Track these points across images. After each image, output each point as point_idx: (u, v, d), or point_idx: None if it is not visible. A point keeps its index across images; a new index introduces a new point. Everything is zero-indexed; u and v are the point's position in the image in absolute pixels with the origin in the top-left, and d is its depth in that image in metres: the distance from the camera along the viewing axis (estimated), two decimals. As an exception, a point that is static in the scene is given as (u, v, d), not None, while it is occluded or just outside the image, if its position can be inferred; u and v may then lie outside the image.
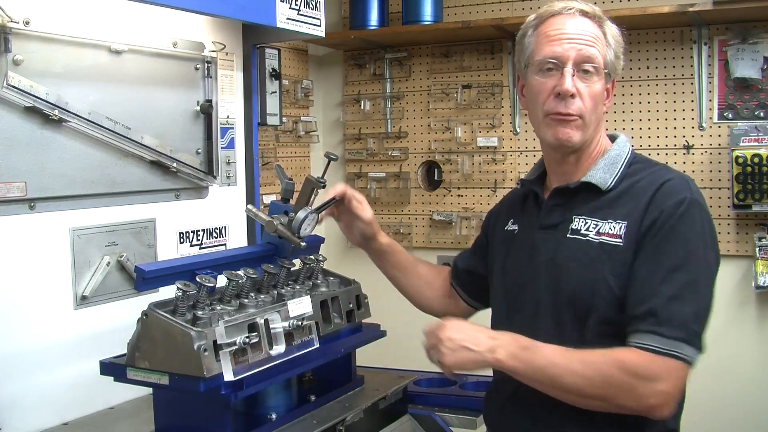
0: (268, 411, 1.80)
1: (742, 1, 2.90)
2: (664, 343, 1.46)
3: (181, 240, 2.30)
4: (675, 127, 3.31)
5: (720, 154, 3.22)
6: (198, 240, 2.36)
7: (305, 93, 3.71)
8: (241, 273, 1.76)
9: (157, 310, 1.62)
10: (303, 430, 1.79)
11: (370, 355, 2.20)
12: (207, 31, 2.37)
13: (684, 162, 3.27)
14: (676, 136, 3.31)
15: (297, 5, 2.35)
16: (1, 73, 1.77)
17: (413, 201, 3.82)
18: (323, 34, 2.50)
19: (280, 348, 1.66)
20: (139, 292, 1.78)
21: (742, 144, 3.09)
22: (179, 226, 2.29)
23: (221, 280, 1.78)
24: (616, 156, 1.70)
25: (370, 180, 3.86)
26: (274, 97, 2.71)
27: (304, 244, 1.91)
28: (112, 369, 1.69)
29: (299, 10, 2.36)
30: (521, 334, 1.69)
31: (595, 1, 3.37)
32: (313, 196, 1.96)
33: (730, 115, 3.20)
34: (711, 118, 3.24)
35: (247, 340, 1.60)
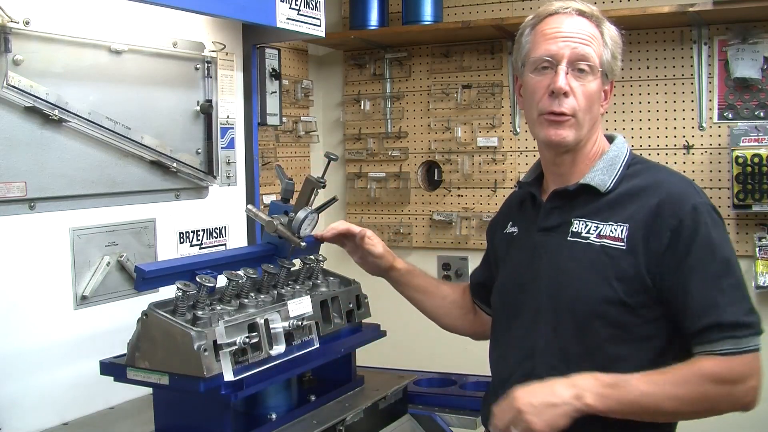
0: (268, 411, 1.80)
1: (742, 1, 2.90)
2: (738, 343, 1.50)
3: (181, 240, 2.30)
4: (675, 127, 3.31)
5: (720, 154, 3.22)
6: (198, 240, 2.36)
7: (305, 93, 3.71)
8: (241, 273, 1.76)
9: (157, 310, 1.62)
10: (303, 430, 1.79)
11: (370, 355, 2.20)
12: (207, 31, 2.37)
13: (684, 162, 3.27)
14: (676, 136, 3.31)
15: (297, 5, 2.35)
16: (1, 73, 1.77)
17: (413, 201, 3.81)
18: (323, 34, 2.50)
19: (280, 348, 1.66)
20: (139, 292, 1.78)
21: (742, 144, 3.09)
22: (179, 226, 2.29)
23: (221, 280, 1.78)
24: (615, 157, 1.69)
25: (370, 180, 3.86)
26: (274, 97, 2.71)
27: (304, 244, 1.92)
28: (112, 369, 1.69)
29: (299, 10, 2.36)
30: (519, 341, 1.69)
31: (595, 1, 3.38)
32: (313, 196, 1.96)
33: (730, 115, 3.20)
34: (711, 118, 3.24)
35: (247, 340, 1.60)
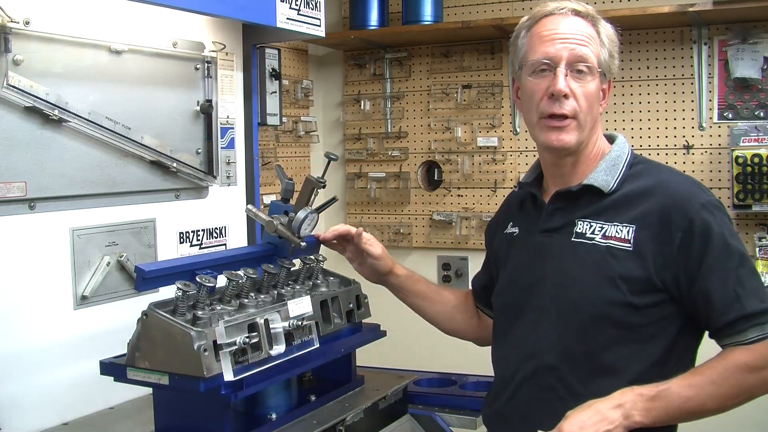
0: (268, 411, 1.80)
1: (742, 1, 2.90)
2: (764, 329, 1.53)
3: (181, 240, 2.30)
4: (675, 127, 3.31)
5: (720, 154, 3.22)
6: (198, 240, 2.36)
7: (305, 93, 3.71)
8: (241, 273, 1.76)
9: (157, 310, 1.62)
10: (303, 430, 1.79)
11: (370, 355, 2.20)
12: (207, 31, 2.37)
13: (684, 162, 3.27)
14: (676, 136, 3.31)
15: (297, 5, 2.35)
16: (1, 73, 1.77)
17: (413, 201, 3.81)
18: (323, 34, 2.49)
19: (280, 348, 1.65)
20: (139, 292, 1.78)
21: (742, 144, 3.09)
22: (179, 226, 2.29)
23: (221, 280, 1.78)
24: (617, 157, 1.69)
25: (370, 180, 3.86)
26: (274, 97, 2.71)
27: (304, 244, 1.91)
28: (112, 369, 1.69)
29: (299, 10, 2.36)
30: (521, 341, 1.69)
31: (596, 1, 3.38)
32: (313, 196, 1.96)
33: (730, 115, 3.20)
34: (711, 118, 3.24)
35: (247, 340, 1.59)
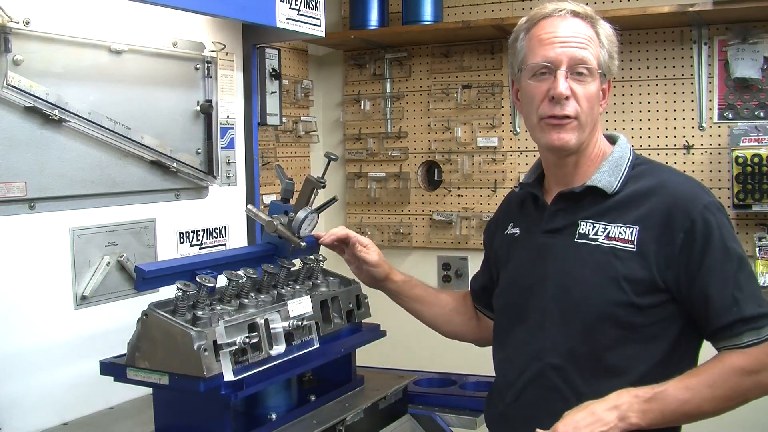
0: (268, 411, 1.80)
1: (742, 1, 2.90)
2: (759, 333, 1.53)
3: (181, 240, 2.30)
4: (675, 127, 3.31)
5: (720, 154, 3.22)
6: (198, 240, 2.36)
7: (305, 93, 3.71)
8: (241, 273, 1.76)
9: (157, 310, 1.62)
10: (303, 430, 1.79)
11: (370, 355, 2.20)
12: (207, 31, 2.37)
13: (684, 162, 3.26)
14: (676, 136, 3.31)
15: (297, 5, 2.35)
16: (1, 73, 1.77)
17: (413, 201, 3.81)
18: (323, 34, 2.49)
19: (280, 348, 1.66)
20: (139, 292, 1.78)
21: (742, 144, 3.09)
22: (179, 226, 2.29)
23: (221, 280, 1.78)
24: (619, 158, 1.69)
25: (370, 180, 3.86)
26: (274, 97, 2.71)
27: (304, 244, 1.91)
28: (112, 369, 1.69)
29: (299, 10, 2.36)
30: (525, 343, 1.68)
31: (596, 1, 3.38)
32: (313, 196, 1.96)
33: (730, 115, 3.20)
34: (711, 118, 3.24)
35: (247, 340, 1.59)
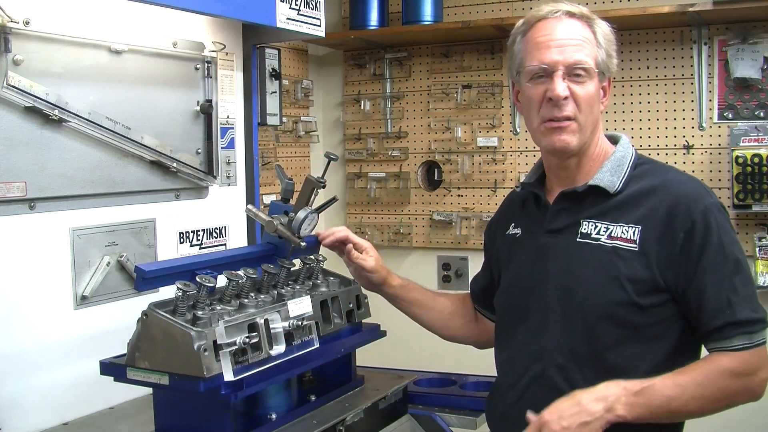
0: (268, 411, 1.80)
1: (742, 1, 2.90)
2: (751, 338, 1.54)
3: (181, 240, 2.30)
4: (675, 127, 3.31)
5: (720, 154, 3.22)
6: (198, 240, 2.36)
7: (305, 93, 3.71)
8: (241, 273, 1.76)
9: (157, 310, 1.62)
10: (303, 430, 1.79)
11: (370, 355, 2.20)
12: (207, 31, 2.37)
13: (684, 162, 3.26)
14: (676, 136, 3.31)
15: (297, 5, 2.35)
16: (1, 73, 1.77)
17: (413, 201, 3.81)
18: (323, 34, 2.49)
19: (280, 348, 1.66)
20: (139, 292, 1.78)
21: (742, 144, 3.09)
22: (179, 226, 2.29)
23: (221, 280, 1.78)
24: (621, 158, 1.69)
25: (370, 180, 3.86)
26: (274, 97, 2.71)
27: (304, 244, 1.91)
28: (112, 369, 1.69)
29: (299, 10, 2.36)
30: (527, 343, 1.68)
31: (596, 1, 3.38)
32: (313, 196, 1.96)
33: (730, 115, 3.20)
34: (711, 118, 3.24)
35: (247, 340, 1.59)
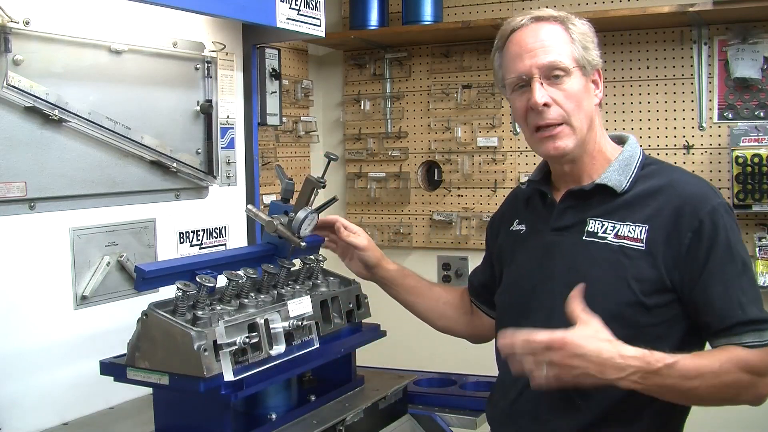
0: (268, 411, 1.80)
1: (742, 1, 2.90)
2: (761, 336, 1.53)
3: (181, 240, 2.30)
4: (675, 127, 3.31)
5: (720, 154, 3.22)
6: (198, 240, 2.36)
7: (305, 93, 3.71)
8: (241, 273, 1.76)
9: (157, 310, 1.62)
10: (303, 430, 1.79)
11: (370, 355, 2.20)
12: (207, 31, 2.37)
13: (684, 162, 3.26)
14: (676, 136, 3.31)
15: (297, 5, 2.35)
16: (1, 73, 1.77)
17: (413, 201, 3.81)
18: (323, 34, 2.49)
19: (280, 348, 1.65)
20: (139, 292, 1.78)
21: (742, 144, 3.09)
22: (179, 226, 2.29)
23: (221, 280, 1.78)
24: (629, 157, 1.69)
25: (370, 180, 3.86)
26: (274, 97, 2.71)
27: (304, 244, 1.91)
28: (112, 369, 1.69)
29: (299, 10, 2.36)
30: None
31: (596, 1, 3.38)
32: (313, 196, 1.95)
33: (730, 115, 3.20)
34: (711, 118, 3.24)
35: (247, 340, 1.59)
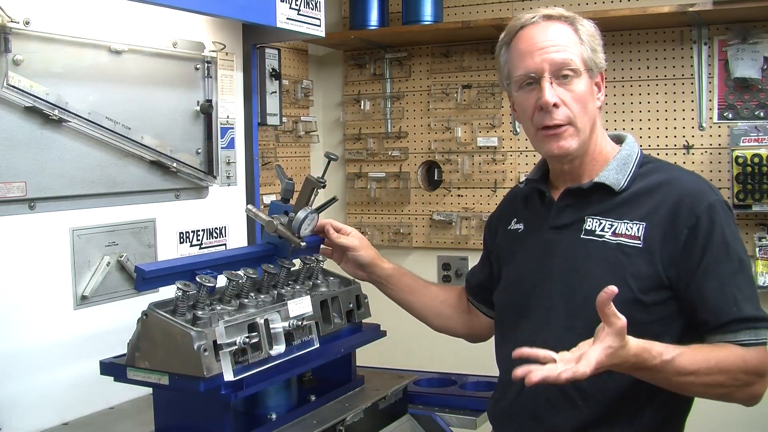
0: (268, 411, 1.80)
1: (742, 1, 2.90)
2: (756, 334, 1.53)
3: (181, 240, 2.30)
4: (675, 127, 3.31)
5: (720, 154, 3.22)
6: (198, 240, 2.36)
7: (305, 93, 3.71)
8: (241, 273, 1.76)
9: (157, 310, 1.61)
10: (303, 430, 1.79)
11: (370, 355, 2.20)
12: (207, 31, 2.37)
13: (684, 162, 3.26)
14: (676, 136, 3.31)
15: (297, 5, 2.35)
16: (1, 73, 1.77)
17: (413, 201, 3.82)
18: (323, 34, 2.49)
19: (280, 348, 1.65)
20: (139, 292, 1.78)
21: (742, 144, 3.09)
22: (179, 226, 2.29)
23: (221, 280, 1.78)
24: (627, 156, 1.70)
25: (370, 180, 3.86)
26: (274, 97, 2.71)
27: (304, 244, 1.91)
28: (112, 369, 1.68)
29: (299, 10, 2.36)
30: (528, 342, 1.66)
31: (596, 1, 3.38)
32: (313, 196, 1.95)
33: (730, 115, 3.20)
34: (711, 118, 3.24)
35: (247, 340, 1.59)
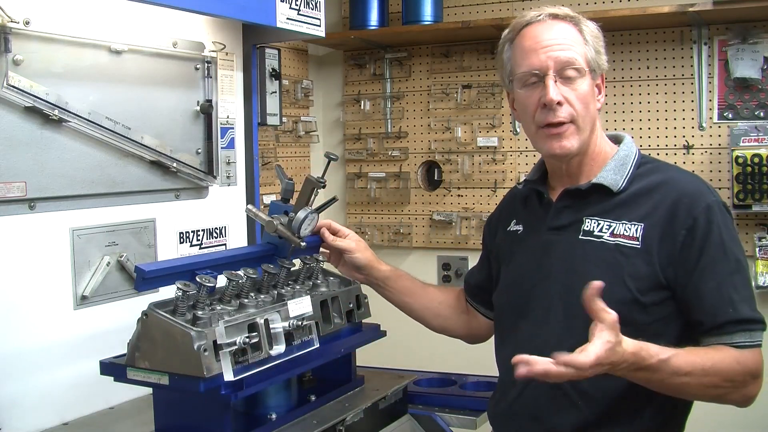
0: (268, 411, 1.80)
1: (742, 1, 2.90)
2: (752, 336, 1.53)
3: (181, 240, 2.30)
4: (675, 127, 3.31)
5: (720, 154, 3.22)
6: (198, 240, 2.36)
7: (305, 93, 3.71)
8: (241, 273, 1.76)
9: (157, 310, 1.61)
10: (303, 430, 1.79)
11: (370, 355, 2.20)
12: (207, 31, 2.37)
13: (684, 162, 3.27)
14: (676, 136, 3.31)
15: (297, 5, 2.35)
16: (1, 73, 1.77)
17: (413, 201, 3.82)
18: (323, 34, 2.49)
19: (280, 348, 1.65)
20: (139, 292, 1.78)
21: (742, 144, 3.09)
22: (179, 226, 2.29)
23: (221, 280, 1.78)
24: (625, 157, 1.70)
25: (370, 180, 3.86)
26: (274, 97, 2.71)
27: (304, 244, 1.91)
28: (112, 369, 1.69)
29: (299, 10, 2.36)
30: (527, 342, 1.67)
31: (596, 1, 3.38)
32: (313, 196, 1.96)
33: (730, 115, 3.20)
34: (711, 118, 3.24)
35: (247, 340, 1.59)
